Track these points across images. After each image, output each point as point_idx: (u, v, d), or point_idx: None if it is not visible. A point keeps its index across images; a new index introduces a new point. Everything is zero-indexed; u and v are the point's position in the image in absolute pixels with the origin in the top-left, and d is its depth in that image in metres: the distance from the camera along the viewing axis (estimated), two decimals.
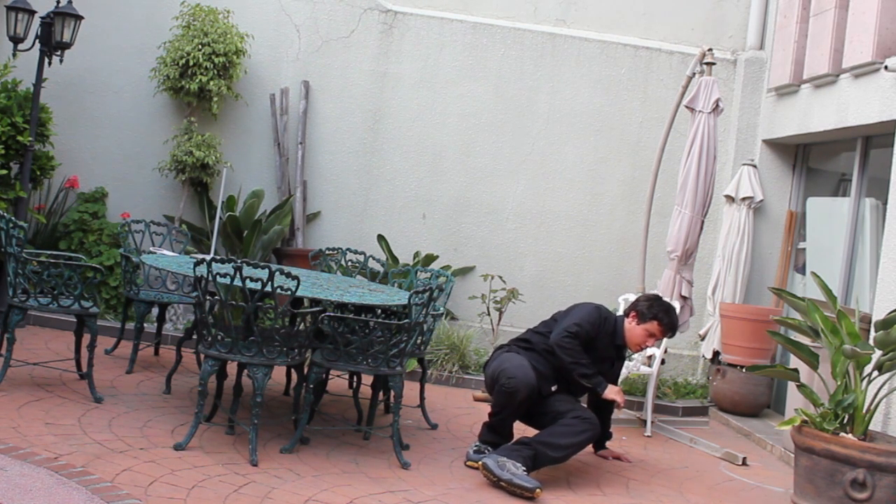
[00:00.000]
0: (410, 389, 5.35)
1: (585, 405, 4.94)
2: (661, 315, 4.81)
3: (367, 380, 5.24)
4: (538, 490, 4.22)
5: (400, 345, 4.49)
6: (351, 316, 4.61)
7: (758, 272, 7.35)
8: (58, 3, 6.41)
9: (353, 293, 4.76)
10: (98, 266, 4.95)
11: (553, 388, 4.76)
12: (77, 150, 7.43)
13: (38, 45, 6.43)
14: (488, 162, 7.72)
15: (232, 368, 4.78)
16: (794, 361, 5.38)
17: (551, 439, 4.49)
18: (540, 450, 4.44)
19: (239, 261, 4.16)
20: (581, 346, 4.63)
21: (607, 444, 5.20)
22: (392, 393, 4.67)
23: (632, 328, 4.84)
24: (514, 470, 4.28)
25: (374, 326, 4.54)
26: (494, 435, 4.70)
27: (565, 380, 4.76)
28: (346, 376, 5.80)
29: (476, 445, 4.72)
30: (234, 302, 4.36)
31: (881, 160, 6.07)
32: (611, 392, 4.67)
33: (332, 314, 4.53)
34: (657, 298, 4.93)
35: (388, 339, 4.49)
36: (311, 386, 4.47)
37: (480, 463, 4.41)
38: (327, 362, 4.48)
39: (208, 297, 4.27)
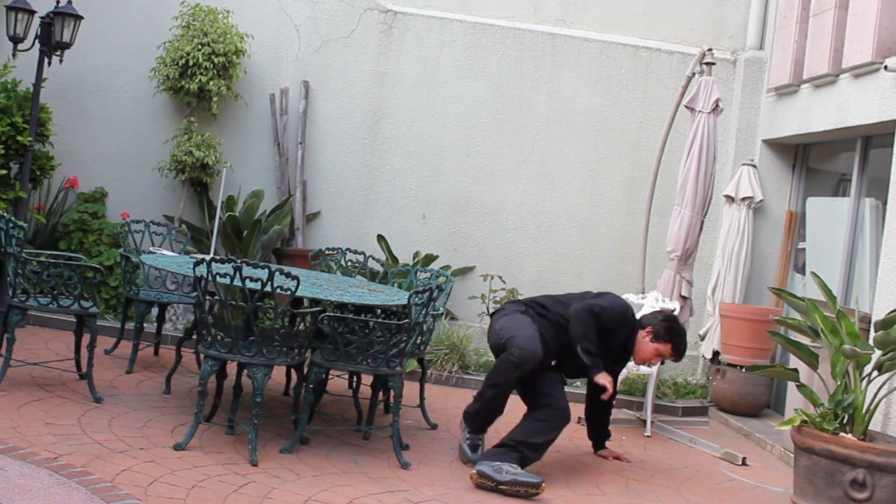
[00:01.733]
0: (410, 389, 5.35)
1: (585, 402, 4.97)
2: (676, 340, 4.82)
3: (367, 380, 5.23)
4: (543, 484, 4.23)
5: (400, 345, 4.49)
6: (351, 316, 4.61)
7: (758, 272, 7.35)
8: (58, 3, 6.40)
9: (353, 293, 4.76)
10: (98, 266, 4.95)
11: (552, 363, 4.77)
12: (77, 150, 7.42)
13: (37, 45, 6.42)
14: (488, 162, 7.72)
15: (232, 368, 4.78)
16: (794, 361, 5.38)
17: (529, 439, 4.49)
18: (523, 451, 4.46)
19: (239, 261, 4.16)
20: (596, 327, 4.65)
21: (607, 443, 5.20)
22: (392, 393, 4.67)
23: (644, 343, 4.82)
24: (512, 470, 4.26)
25: (374, 326, 4.53)
26: (487, 414, 4.66)
27: (565, 356, 4.75)
28: (346, 376, 5.80)
29: (469, 438, 4.68)
30: (233, 302, 4.37)
31: (881, 160, 6.07)
32: (602, 377, 4.67)
33: (331, 314, 4.53)
34: (675, 321, 4.90)
35: (387, 340, 4.49)
36: (311, 386, 4.47)
37: (475, 471, 4.30)
38: (327, 362, 4.48)
39: (208, 298, 4.27)
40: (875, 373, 4.41)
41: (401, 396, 4.55)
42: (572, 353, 4.69)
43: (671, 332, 4.81)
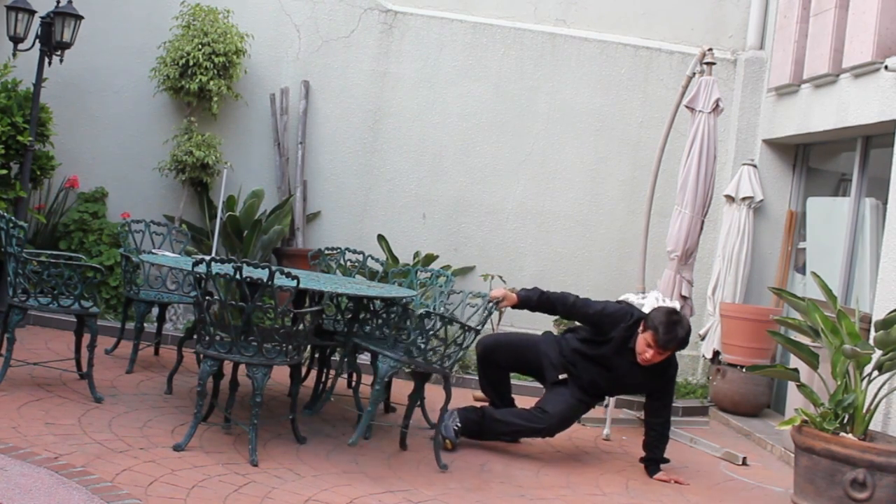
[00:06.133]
0: (410, 389, 5.33)
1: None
2: (659, 327, 4.68)
3: (368, 379, 5.23)
4: (448, 441, 4.81)
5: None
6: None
7: (758, 272, 7.35)
8: (58, 3, 6.40)
9: (350, 289, 4.76)
10: (98, 266, 4.95)
11: (560, 377, 5.03)
12: (77, 150, 7.42)
13: (38, 45, 6.42)
14: (488, 162, 7.72)
15: (228, 366, 4.76)
16: (794, 361, 5.38)
17: (504, 417, 4.96)
18: (490, 417, 4.92)
19: (239, 261, 4.16)
20: (582, 309, 4.98)
21: (663, 466, 5.06)
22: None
23: (638, 335, 4.80)
24: (447, 422, 4.81)
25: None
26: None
27: (575, 373, 5.02)
28: (346, 376, 5.80)
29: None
30: (233, 302, 4.36)
31: (881, 160, 6.07)
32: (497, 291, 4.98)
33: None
34: (669, 311, 4.79)
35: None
36: (385, 381, 4.57)
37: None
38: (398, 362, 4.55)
39: (207, 298, 4.27)
40: (875, 373, 4.41)
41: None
42: (578, 361, 5.01)
43: (656, 318, 4.70)
